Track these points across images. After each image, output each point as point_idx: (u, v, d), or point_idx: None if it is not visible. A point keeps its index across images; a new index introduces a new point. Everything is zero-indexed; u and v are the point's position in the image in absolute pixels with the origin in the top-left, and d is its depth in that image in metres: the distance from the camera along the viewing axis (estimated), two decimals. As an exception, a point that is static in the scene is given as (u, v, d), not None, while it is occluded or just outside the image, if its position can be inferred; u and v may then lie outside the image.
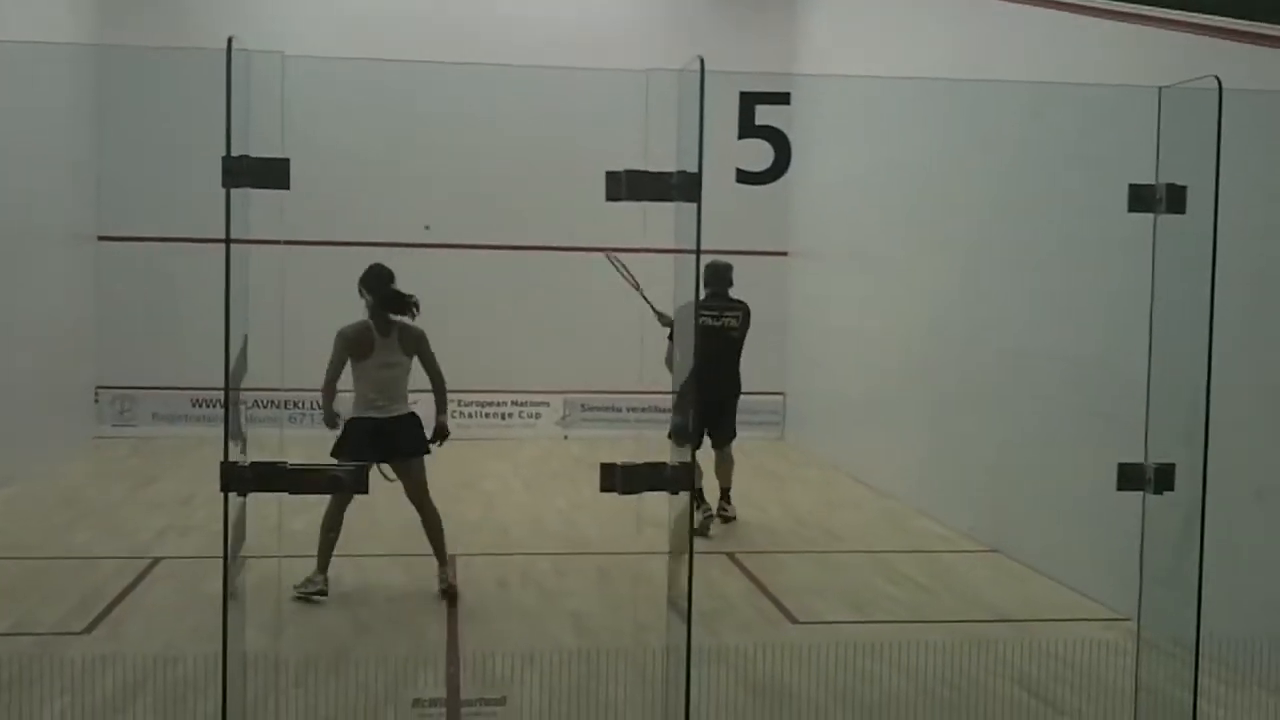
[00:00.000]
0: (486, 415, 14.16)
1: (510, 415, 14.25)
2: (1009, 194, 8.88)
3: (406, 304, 7.29)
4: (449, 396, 7.53)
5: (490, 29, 13.83)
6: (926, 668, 6.00)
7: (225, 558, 4.03)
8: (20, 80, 11.05)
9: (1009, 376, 8.77)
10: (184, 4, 13.59)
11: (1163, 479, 4.60)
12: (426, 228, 13.62)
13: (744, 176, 4.54)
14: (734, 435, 9.65)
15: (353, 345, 7.17)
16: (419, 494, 7.40)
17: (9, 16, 10.77)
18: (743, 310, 9.47)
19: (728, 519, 9.51)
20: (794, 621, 7.03)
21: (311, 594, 7.11)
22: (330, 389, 7.16)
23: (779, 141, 4.54)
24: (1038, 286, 8.41)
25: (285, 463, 4.16)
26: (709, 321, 9.23)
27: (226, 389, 4.08)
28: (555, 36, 13.92)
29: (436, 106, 13.87)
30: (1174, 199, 4.61)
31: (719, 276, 9.37)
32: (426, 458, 7.43)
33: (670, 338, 8.52)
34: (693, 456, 4.36)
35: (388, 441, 7.15)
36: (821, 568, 8.44)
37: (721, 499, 9.57)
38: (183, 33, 13.10)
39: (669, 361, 8.40)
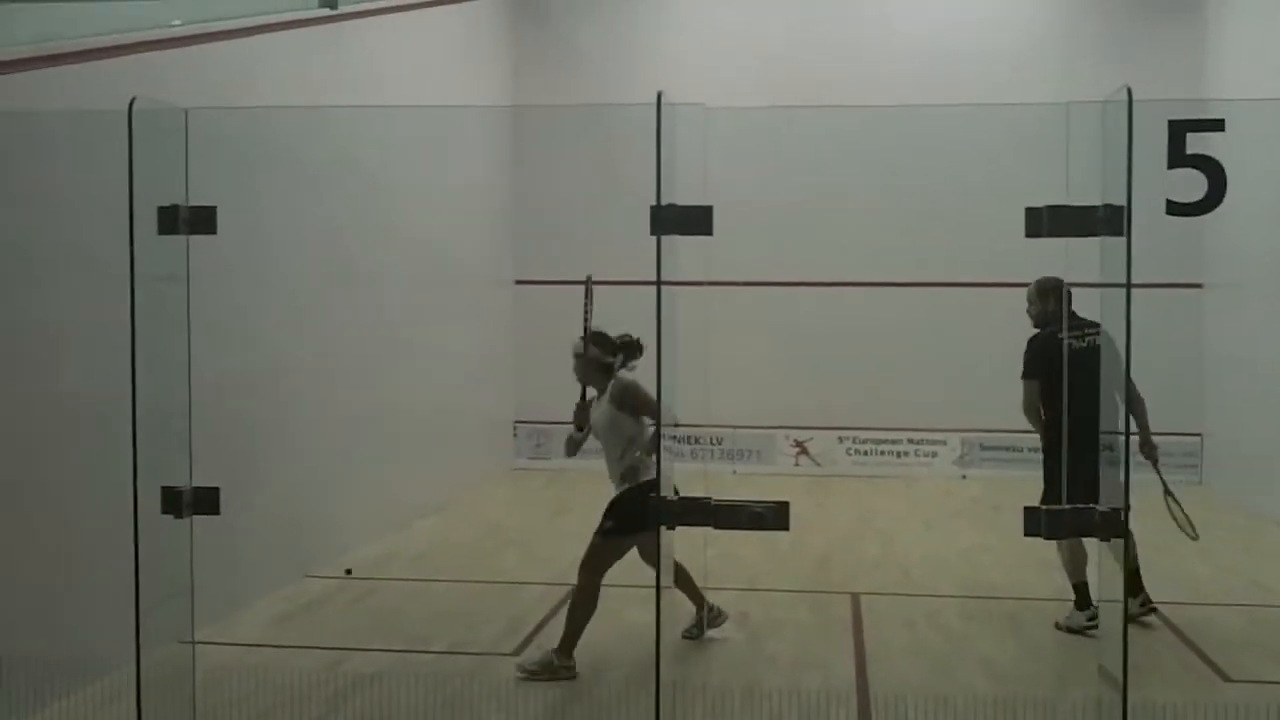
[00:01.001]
0: (882, 453, 14.08)
1: (906, 454, 14.10)
2: None
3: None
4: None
5: (887, 68, 13.86)
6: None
7: (658, 587, 4.22)
8: (449, 140, 12.03)
9: None
10: (584, 65, 14.38)
11: None
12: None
13: (1175, 208, 4.31)
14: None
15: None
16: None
17: (436, 83, 11.76)
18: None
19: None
20: (1226, 679, 6.57)
21: (558, 678, 6.32)
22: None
23: (1213, 170, 4.28)
24: None
25: (710, 499, 4.31)
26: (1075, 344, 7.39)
27: (659, 430, 4.27)
28: (953, 72, 13.79)
29: (849, 149, 13.97)
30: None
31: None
32: None
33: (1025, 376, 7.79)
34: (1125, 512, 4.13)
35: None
36: (1251, 621, 7.85)
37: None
38: (581, 88, 13.97)
39: (1026, 409, 7.83)
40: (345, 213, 9.42)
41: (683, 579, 6.92)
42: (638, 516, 6.13)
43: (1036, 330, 7.81)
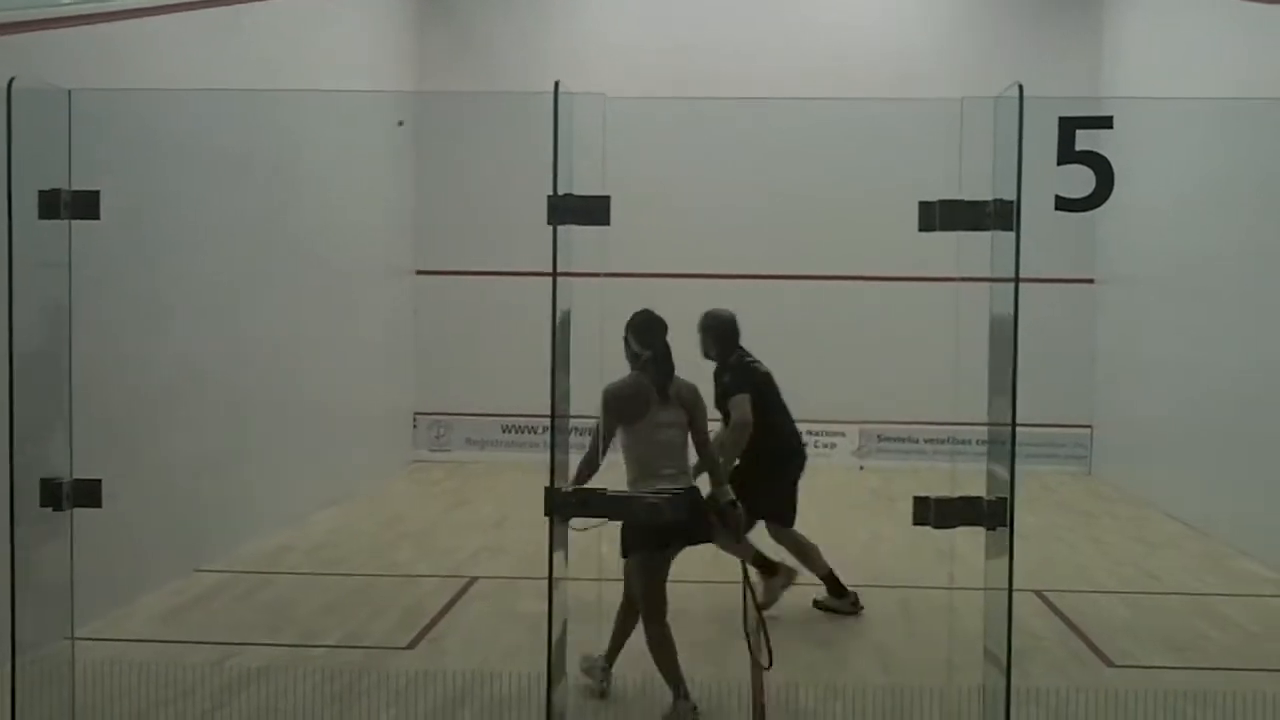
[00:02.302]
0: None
1: (805, 445, 14.19)
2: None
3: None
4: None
5: (789, 62, 13.96)
6: (1260, 720, 5.64)
7: (550, 579, 4.20)
8: (348, 126, 11.86)
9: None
10: (495, 53, 14.28)
11: None
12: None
13: (1063, 204, 4.38)
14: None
15: (626, 406, 5.81)
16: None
17: (337, 68, 11.58)
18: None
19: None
20: (1110, 665, 6.72)
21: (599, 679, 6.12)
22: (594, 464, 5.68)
23: (1101, 166, 4.36)
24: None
25: (605, 490, 4.31)
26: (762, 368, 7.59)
27: (553, 417, 4.25)
28: (853, 66, 13.93)
29: (746, 140, 14.03)
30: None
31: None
32: None
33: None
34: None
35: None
36: (1136, 609, 8.05)
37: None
38: (487, 78, 13.87)
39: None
40: (242, 200, 9.24)
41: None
42: (639, 528, 5.59)
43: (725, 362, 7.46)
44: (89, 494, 4.48)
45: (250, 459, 9.42)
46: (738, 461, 7.11)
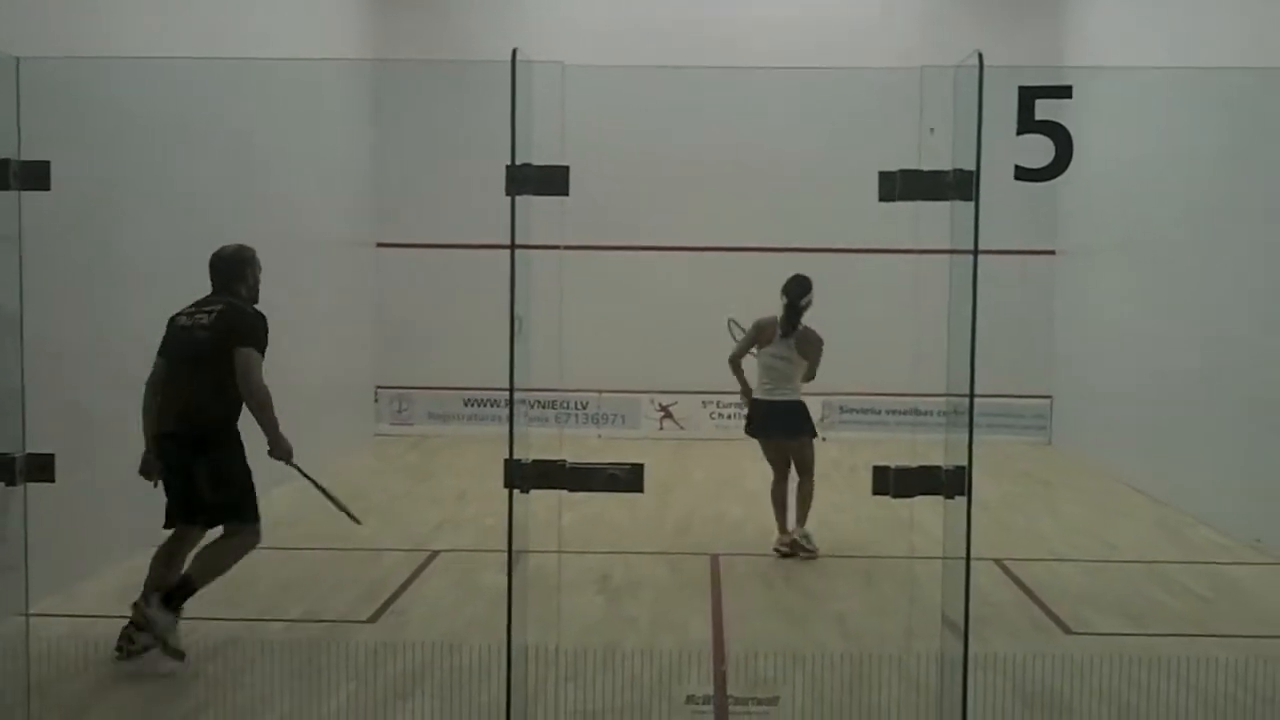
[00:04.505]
0: (745, 416, 14.19)
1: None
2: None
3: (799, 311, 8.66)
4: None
5: (745, 32, 13.94)
6: (1212, 684, 5.71)
7: (510, 551, 4.19)
8: (307, 95, 11.73)
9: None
10: (458, 20, 14.17)
11: None
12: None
13: (1023, 174, 4.38)
14: None
15: (759, 331, 8.77)
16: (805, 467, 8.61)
17: (296, 34, 11.45)
18: None
19: None
20: (1067, 632, 6.80)
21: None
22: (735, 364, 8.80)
23: (1061, 136, 4.36)
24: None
25: (565, 461, 4.29)
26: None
27: (512, 390, 4.23)
28: (816, 37, 13.93)
29: (707, 111, 14.02)
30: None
31: None
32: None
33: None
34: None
35: (781, 420, 8.57)
36: (1095, 577, 8.14)
37: None
38: (455, 46, 13.73)
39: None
40: (198, 170, 9.12)
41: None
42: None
43: None
44: (42, 469, 4.41)
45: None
46: None
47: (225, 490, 6.10)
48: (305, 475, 6.51)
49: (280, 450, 6.28)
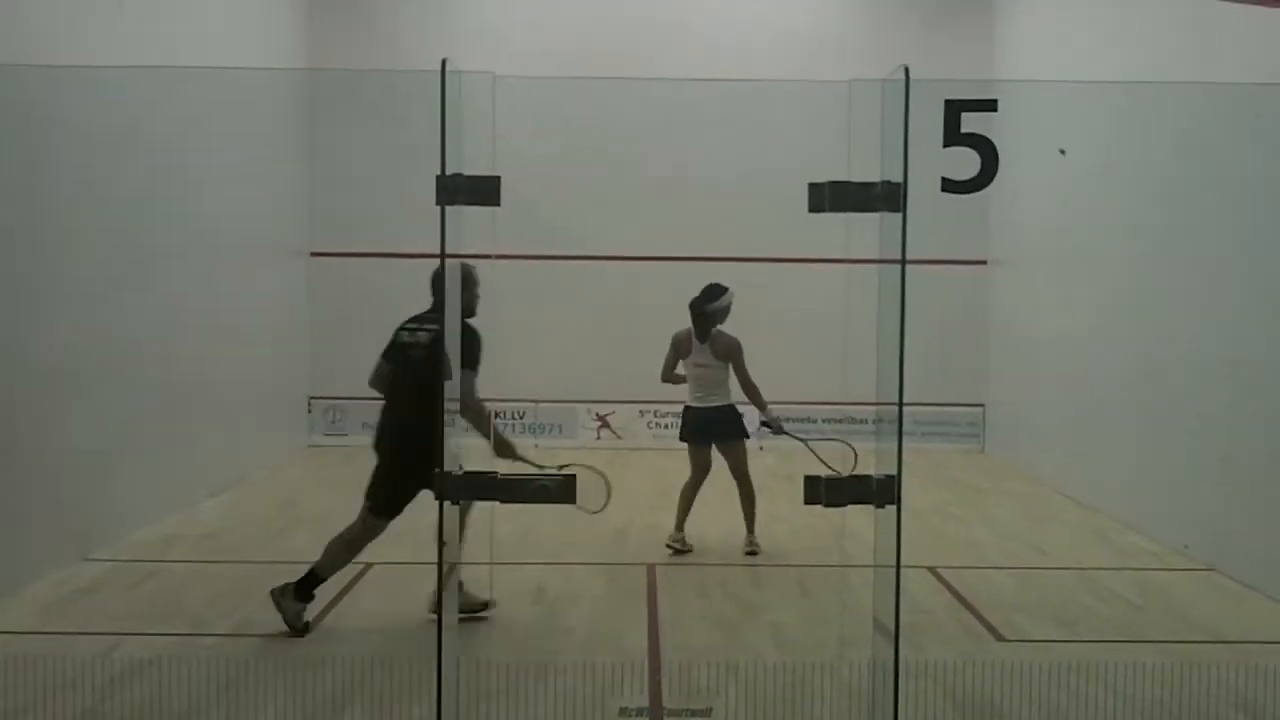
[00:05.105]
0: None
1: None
2: (1227, 199, 8.52)
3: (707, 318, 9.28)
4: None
5: (683, 43, 13.98)
6: (1141, 690, 5.78)
7: (440, 564, 4.15)
8: (237, 104, 11.60)
9: (1231, 387, 8.39)
10: (391, 30, 14.09)
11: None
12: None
13: (949, 185, 4.43)
14: None
15: (677, 346, 9.22)
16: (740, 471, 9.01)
17: (227, 44, 11.33)
18: None
19: None
20: (1000, 639, 6.86)
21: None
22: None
23: (986, 149, 4.41)
24: (1264, 292, 8.03)
25: (496, 473, 4.26)
26: None
27: (442, 400, 4.21)
28: (748, 50, 14.00)
29: (639, 121, 14.04)
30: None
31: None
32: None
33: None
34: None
35: (709, 426, 8.98)
36: (1026, 584, 8.22)
37: None
38: (388, 56, 13.66)
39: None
40: (130, 179, 8.99)
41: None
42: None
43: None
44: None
45: (139, 445, 9.20)
46: None
47: None
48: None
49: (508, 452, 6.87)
